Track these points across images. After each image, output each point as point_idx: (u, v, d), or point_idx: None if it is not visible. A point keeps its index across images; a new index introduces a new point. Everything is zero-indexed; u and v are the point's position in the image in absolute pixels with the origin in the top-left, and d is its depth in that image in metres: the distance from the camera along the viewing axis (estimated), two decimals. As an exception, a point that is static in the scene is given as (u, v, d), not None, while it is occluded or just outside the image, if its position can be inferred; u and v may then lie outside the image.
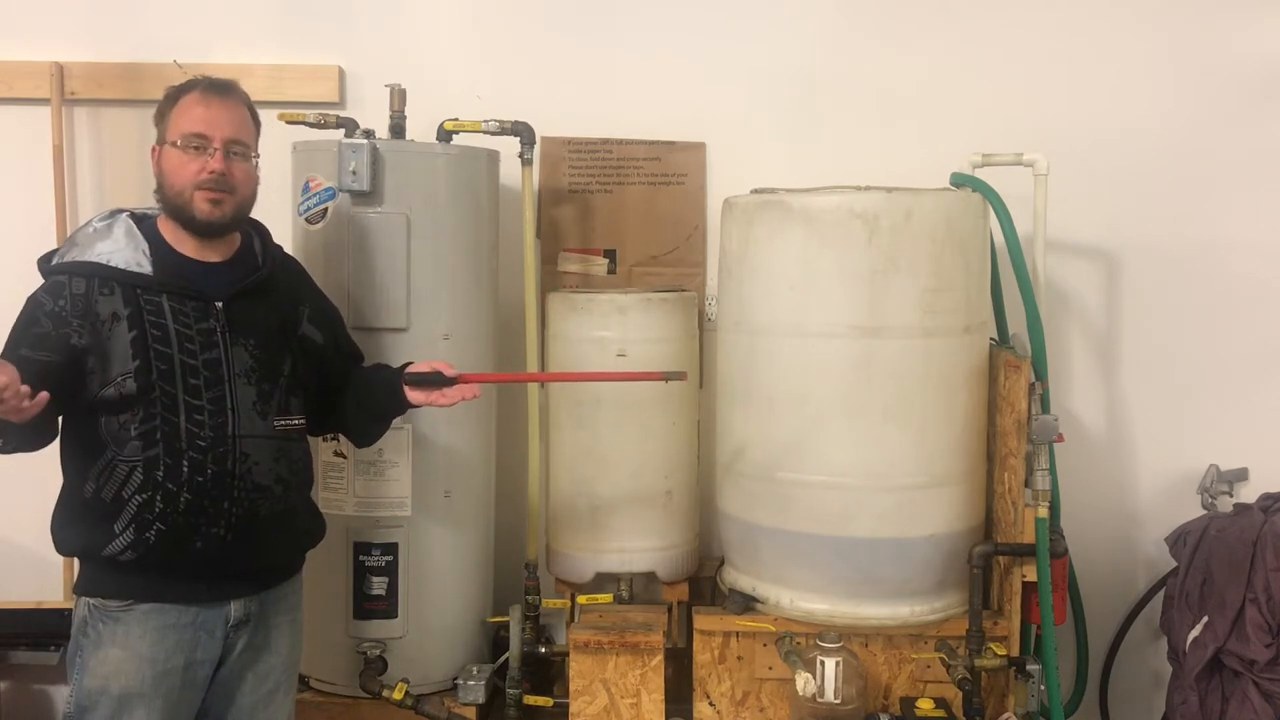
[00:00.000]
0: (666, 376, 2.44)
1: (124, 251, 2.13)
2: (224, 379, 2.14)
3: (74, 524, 2.14)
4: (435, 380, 2.31)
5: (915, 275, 2.48)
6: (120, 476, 2.08)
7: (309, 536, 2.37)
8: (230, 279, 2.20)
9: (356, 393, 2.40)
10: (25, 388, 1.84)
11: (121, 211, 2.21)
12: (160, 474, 2.08)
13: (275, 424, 2.20)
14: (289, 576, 2.33)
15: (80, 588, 2.16)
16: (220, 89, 2.19)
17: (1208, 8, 3.10)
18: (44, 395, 1.87)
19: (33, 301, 2.12)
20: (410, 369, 2.35)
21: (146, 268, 2.13)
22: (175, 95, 2.18)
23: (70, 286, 2.09)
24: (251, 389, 2.17)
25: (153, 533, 2.08)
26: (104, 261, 2.11)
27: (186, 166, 2.13)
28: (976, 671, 2.49)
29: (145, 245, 2.15)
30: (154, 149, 2.19)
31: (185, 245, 2.18)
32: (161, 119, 2.19)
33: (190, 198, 2.13)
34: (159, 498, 2.08)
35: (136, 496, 2.08)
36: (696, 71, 3.14)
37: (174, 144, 2.14)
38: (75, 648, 2.14)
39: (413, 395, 2.32)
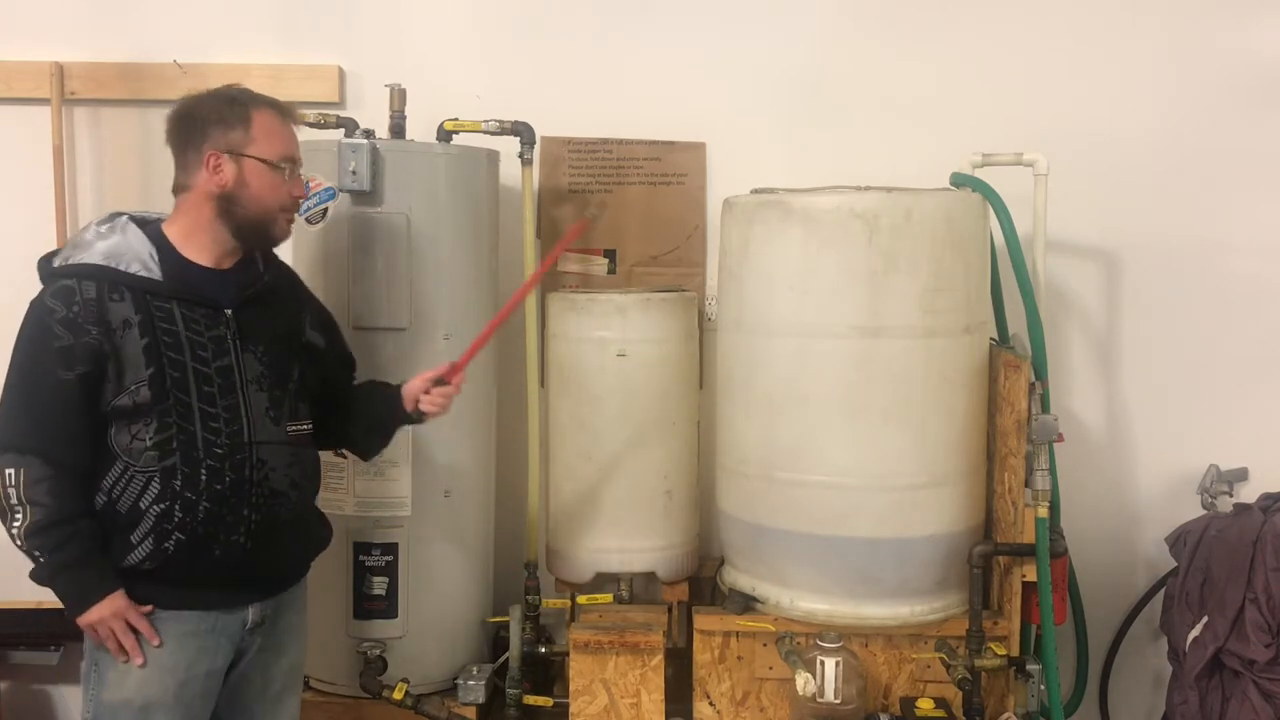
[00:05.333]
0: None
1: (133, 254, 2.09)
2: (237, 386, 2.13)
3: None
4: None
5: (915, 275, 2.48)
6: (137, 487, 2.06)
7: (320, 541, 2.38)
8: (237, 285, 2.19)
9: (363, 412, 2.40)
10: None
11: (121, 215, 2.16)
12: (178, 483, 2.06)
13: (288, 429, 2.20)
14: (299, 579, 2.33)
15: None
16: (293, 112, 2.24)
17: (1208, 8, 3.10)
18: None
19: (41, 309, 2.05)
20: (407, 391, 2.36)
21: (156, 272, 2.10)
22: (247, 103, 2.15)
23: (81, 291, 2.04)
24: (264, 395, 2.17)
25: (171, 542, 2.06)
26: (113, 265, 2.07)
27: (279, 189, 2.16)
28: (976, 671, 2.49)
29: (153, 249, 2.11)
30: (219, 155, 2.11)
31: (191, 250, 2.15)
32: (231, 126, 2.12)
33: (275, 219, 2.17)
34: (178, 507, 2.05)
35: (155, 507, 2.05)
36: (696, 71, 3.14)
37: (266, 162, 2.13)
38: (92, 660, 2.11)
39: (424, 403, 2.34)
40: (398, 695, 2.65)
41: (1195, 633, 2.80)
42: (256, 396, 2.16)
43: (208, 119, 2.14)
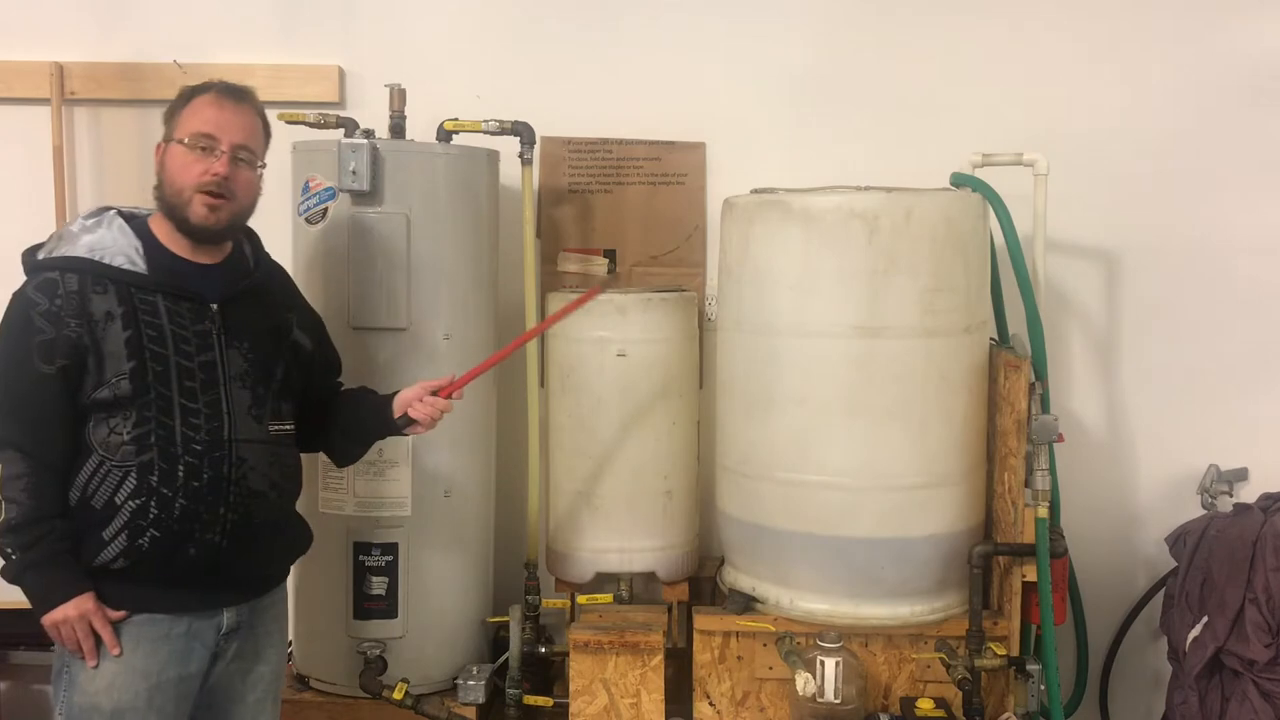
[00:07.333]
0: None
1: (117, 248, 2.07)
2: (219, 382, 2.10)
3: None
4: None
5: (915, 275, 2.48)
6: (113, 482, 2.03)
7: (299, 545, 2.35)
8: (225, 281, 2.16)
9: (344, 417, 2.38)
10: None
11: (109, 209, 2.15)
12: (155, 479, 2.03)
13: (269, 428, 2.17)
14: (278, 584, 2.30)
15: None
16: (235, 93, 2.16)
17: (1208, 7, 3.10)
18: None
19: (24, 301, 2.04)
20: (400, 398, 2.31)
21: (141, 266, 2.08)
22: (189, 95, 2.14)
23: (64, 284, 2.02)
24: (246, 392, 2.14)
25: (146, 539, 2.03)
26: (97, 258, 2.05)
27: (191, 167, 2.09)
28: (976, 671, 2.49)
29: (138, 243, 2.10)
30: (159, 146, 2.15)
31: (178, 245, 2.13)
32: (171, 117, 2.14)
33: (189, 199, 2.08)
34: (153, 503, 2.03)
35: (130, 502, 2.02)
36: (696, 71, 3.15)
37: (181, 142, 2.10)
38: (62, 664, 2.08)
39: (415, 410, 2.29)
40: (398, 695, 2.65)
41: (1195, 633, 2.80)
42: (239, 393, 2.13)
43: (164, 117, 2.17)
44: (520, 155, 2.86)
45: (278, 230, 2.81)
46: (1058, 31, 3.12)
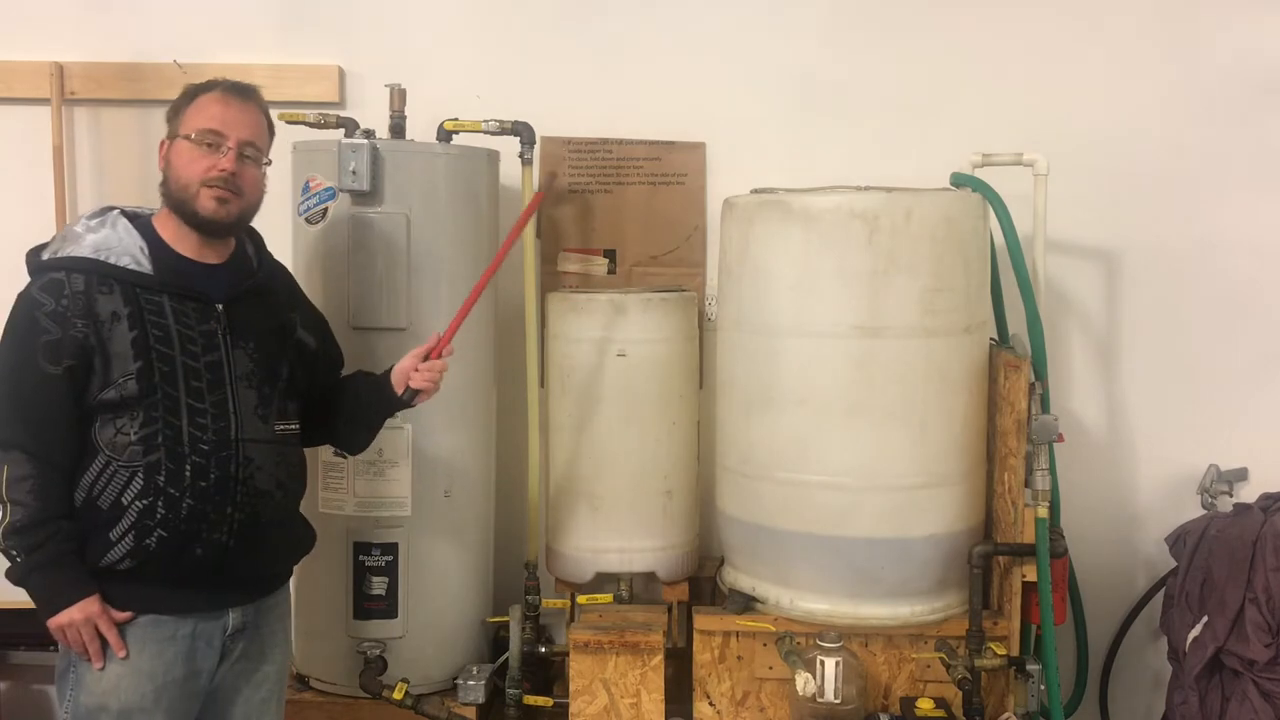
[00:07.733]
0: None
1: (122, 248, 2.08)
2: (226, 381, 2.11)
3: None
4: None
5: (915, 275, 2.48)
6: (120, 483, 2.03)
7: (304, 545, 2.35)
8: (229, 281, 2.17)
9: (345, 405, 2.39)
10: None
11: (113, 209, 2.15)
12: (162, 479, 2.03)
13: (275, 428, 2.18)
14: (282, 584, 2.31)
15: None
16: (241, 91, 2.16)
17: (1208, 8, 3.10)
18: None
19: (29, 302, 2.04)
20: (397, 371, 2.33)
21: (146, 266, 2.08)
22: (194, 92, 2.15)
23: (69, 284, 2.02)
24: (252, 392, 2.14)
25: (153, 539, 2.03)
26: (102, 258, 2.05)
27: (197, 162, 2.09)
28: (976, 671, 2.49)
29: (143, 242, 2.10)
30: (163, 143, 2.15)
31: (183, 245, 2.14)
32: (176, 114, 2.15)
33: (195, 193, 2.09)
34: (161, 503, 2.03)
35: (137, 503, 2.02)
36: (696, 71, 3.14)
37: (187, 138, 2.10)
38: (68, 663, 2.08)
39: (414, 379, 2.31)
40: (398, 695, 2.65)
41: (1195, 633, 2.80)
42: (245, 393, 2.13)
43: (167, 114, 2.18)
44: (520, 155, 2.86)
45: (278, 230, 2.82)
46: (1058, 32, 3.11)
